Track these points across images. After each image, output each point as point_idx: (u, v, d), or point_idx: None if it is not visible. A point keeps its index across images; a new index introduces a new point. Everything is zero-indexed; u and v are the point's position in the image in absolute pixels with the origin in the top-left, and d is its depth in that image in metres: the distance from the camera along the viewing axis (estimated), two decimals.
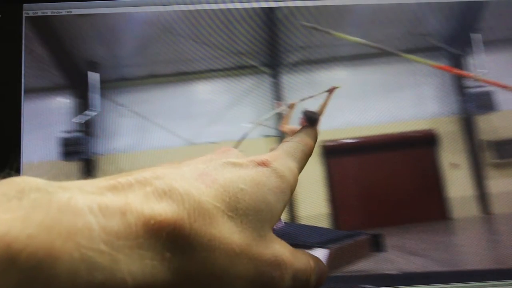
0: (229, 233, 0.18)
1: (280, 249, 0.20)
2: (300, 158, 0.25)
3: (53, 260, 0.13)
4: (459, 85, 1.21)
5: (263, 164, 0.21)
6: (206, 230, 0.17)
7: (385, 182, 1.17)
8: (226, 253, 0.18)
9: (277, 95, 1.15)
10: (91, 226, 0.14)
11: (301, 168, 0.25)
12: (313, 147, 0.27)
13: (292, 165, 0.24)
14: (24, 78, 0.54)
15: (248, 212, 0.19)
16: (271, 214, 0.20)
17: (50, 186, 0.15)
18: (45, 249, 0.13)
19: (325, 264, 0.24)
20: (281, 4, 0.63)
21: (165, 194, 0.17)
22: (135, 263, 0.15)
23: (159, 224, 0.16)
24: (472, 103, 1.19)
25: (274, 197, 0.21)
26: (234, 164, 0.21)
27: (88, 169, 1.09)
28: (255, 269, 0.19)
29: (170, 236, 0.16)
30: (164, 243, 0.16)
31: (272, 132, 1.15)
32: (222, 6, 0.63)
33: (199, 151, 1.21)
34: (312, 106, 1.03)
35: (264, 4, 0.63)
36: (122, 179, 0.17)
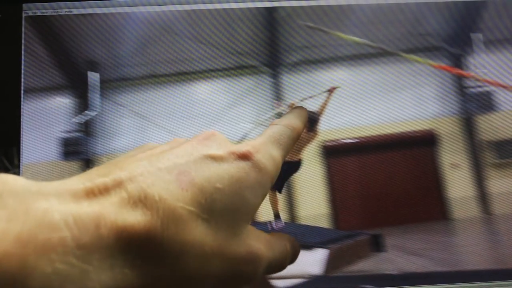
0: (201, 236, 0.18)
1: (254, 245, 0.20)
2: (285, 144, 0.25)
3: (26, 276, 0.13)
4: (459, 85, 1.21)
5: (245, 157, 0.21)
6: (178, 237, 0.17)
7: (385, 182, 1.17)
8: (198, 256, 0.18)
9: (277, 95, 1.15)
10: (66, 241, 0.14)
11: (285, 154, 0.24)
12: (302, 130, 0.27)
13: (276, 153, 0.23)
14: (24, 78, 0.53)
15: (224, 212, 0.19)
16: (247, 211, 0.20)
17: (28, 192, 0.15)
18: (19, 265, 0.13)
19: (299, 243, 0.24)
20: (281, 4, 0.63)
21: (140, 201, 0.17)
22: (105, 272, 0.15)
23: (132, 235, 0.16)
24: (472, 103, 1.19)
25: (252, 193, 0.21)
26: (214, 158, 0.20)
27: (88, 169, 1.09)
28: (227, 268, 0.19)
29: (141, 245, 0.16)
30: (136, 252, 0.16)
31: None
32: (222, 6, 0.63)
33: None
34: (312, 106, 1.03)
35: (264, 4, 0.63)
36: (99, 180, 0.17)
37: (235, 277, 0.19)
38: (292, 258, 0.24)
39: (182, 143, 0.21)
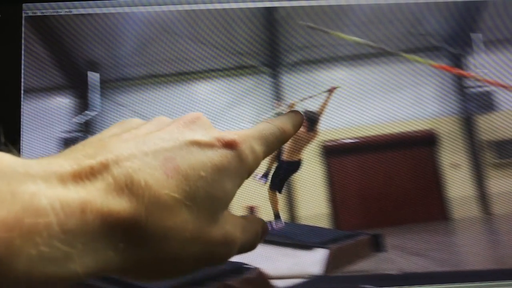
0: (184, 222, 0.19)
1: (230, 229, 0.22)
2: (271, 143, 0.25)
3: (12, 258, 0.14)
4: (459, 85, 1.21)
5: (230, 145, 0.22)
6: (162, 223, 0.18)
7: (385, 182, 1.17)
8: (179, 241, 0.19)
9: (277, 95, 1.15)
10: (51, 226, 0.15)
11: (268, 153, 0.25)
12: (292, 135, 0.27)
13: (259, 149, 0.24)
14: (24, 78, 0.54)
15: (205, 200, 0.20)
16: (225, 199, 0.21)
17: (15, 172, 0.15)
18: (5, 248, 0.14)
19: (267, 225, 0.26)
20: (281, 4, 0.63)
21: (126, 187, 0.17)
22: (89, 255, 0.16)
23: (117, 221, 0.17)
24: (472, 103, 1.19)
25: (231, 182, 0.21)
26: (199, 145, 0.21)
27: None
28: (206, 250, 0.20)
29: (126, 230, 0.17)
30: (120, 236, 0.17)
31: None
32: (222, 6, 0.63)
33: None
34: (312, 106, 1.03)
35: (264, 4, 0.63)
36: (85, 163, 0.17)
37: (211, 258, 0.21)
38: (261, 239, 0.25)
39: (167, 124, 0.22)
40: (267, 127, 0.25)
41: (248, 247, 0.24)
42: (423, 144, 1.17)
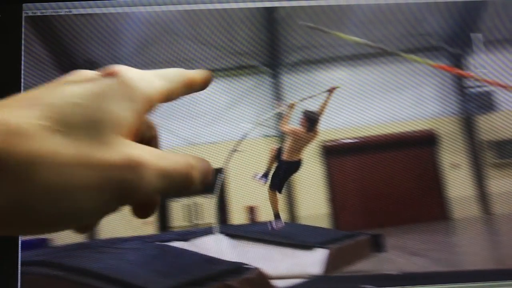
0: (55, 146, 0.18)
1: (134, 152, 0.20)
2: (170, 78, 0.24)
3: None
4: (459, 85, 1.21)
5: (110, 74, 0.21)
6: (23, 149, 0.17)
7: (385, 182, 1.17)
8: (54, 166, 0.18)
9: (277, 95, 1.15)
10: None
11: (168, 87, 0.24)
12: (198, 80, 0.26)
13: (154, 79, 0.23)
14: (24, 78, 0.54)
15: (84, 124, 0.19)
16: (115, 122, 0.20)
17: None
18: None
19: (211, 166, 0.23)
20: (281, 4, 0.63)
21: None
22: None
23: None
24: (472, 103, 1.19)
25: (118, 105, 0.21)
26: (75, 82, 0.21)
27: None
28: (99, 176, 0.19)
29: None
30: None
31: (272, 132, 1.15)
32: (222, 6, 0.63)
33: (199, 151, 1.21)
34: (312, 106, 1.03)
35: (264, 4, 0.63)
36: None
37: (114, 185, 0.19)
38: (203, 175, 0.23)
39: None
40: (168, 69, 0.25)
41: (177, 178, 0.21)
42: (423, 144, 1.17)
